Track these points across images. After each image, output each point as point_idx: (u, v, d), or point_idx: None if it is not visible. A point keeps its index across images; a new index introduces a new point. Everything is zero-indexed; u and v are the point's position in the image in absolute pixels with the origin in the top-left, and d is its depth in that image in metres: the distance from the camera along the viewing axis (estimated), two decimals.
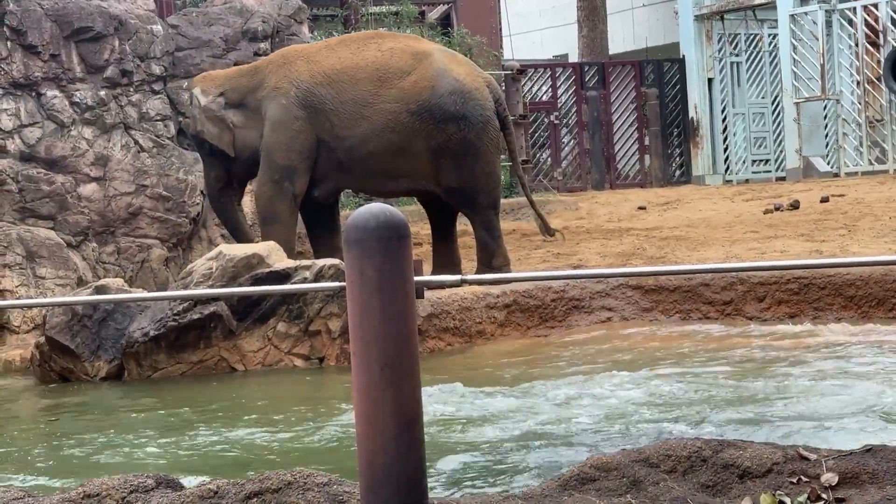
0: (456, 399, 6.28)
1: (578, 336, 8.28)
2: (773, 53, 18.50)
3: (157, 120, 10.58)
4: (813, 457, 3.10)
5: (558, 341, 8.25)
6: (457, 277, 3.51)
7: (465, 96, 9.00)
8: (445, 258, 9.34)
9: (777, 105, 18.50)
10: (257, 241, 8.87)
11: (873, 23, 17.36)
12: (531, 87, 18.27)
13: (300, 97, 9.04)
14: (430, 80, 8.98)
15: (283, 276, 7.70)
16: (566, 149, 18.69)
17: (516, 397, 6.34)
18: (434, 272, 9.27)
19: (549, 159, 18.49)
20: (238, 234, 9.52)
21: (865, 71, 17.34)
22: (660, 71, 18.88)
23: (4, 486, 3.31)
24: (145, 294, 7.84)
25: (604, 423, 5.40)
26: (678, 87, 18.77)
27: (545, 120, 18.46)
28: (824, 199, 13.02)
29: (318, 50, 9.36)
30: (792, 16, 17.65)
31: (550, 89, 18.56)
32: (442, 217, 9.49)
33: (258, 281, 7.64)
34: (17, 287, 9.62)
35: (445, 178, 9.07)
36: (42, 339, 8.05)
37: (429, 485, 2.82)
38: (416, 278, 2.81)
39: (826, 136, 17.94)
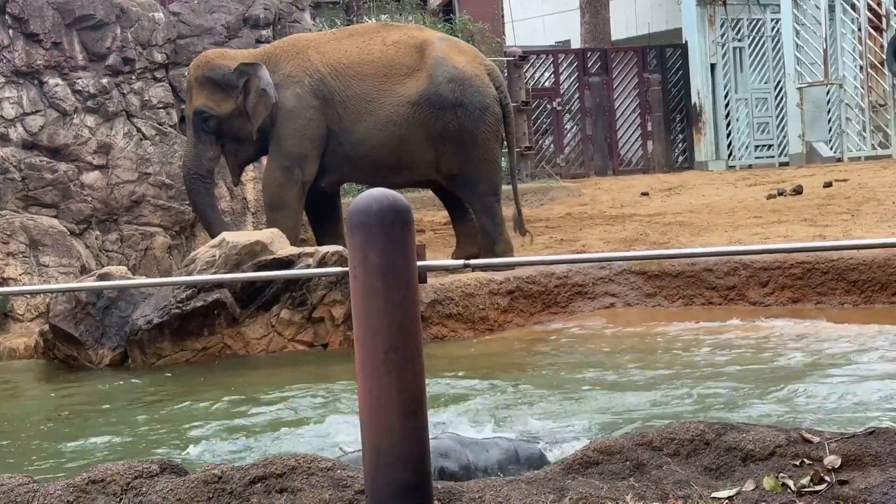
0: (460, 383, 6.28)
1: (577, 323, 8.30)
2: (776, 38, 18.47)
3: (159, 108, 10.57)
4: (816, 439, 3.11)
5: (558, 330, 8.26)
6: (460, 262, 3.52)
7: (464, 83, 9.04)
8: (467, 229, 9.49)
9: (780, 90, 18.48)
10: (261, 228, 8.87)
11: (876, 7, 17.32)
12: (534, 74, 18.24)
13: (313, 86, 9.08)
14: (429, 70, 9.04)
15: (286, 263, 7.71)
16: (569, 135, 18.67)
17: (518, 382, 6.35)
18: (459, 244, 9.36)
19: (552, 146, 18.47)
20: (212, 218, 9.45)
21: (868, 56, 17.31)
22: (662, 57, 18.84)
23: (9, 473, 3.32)
24: (148, 280, 7.85)
25: (607, 407, 5.40)
26: (681, 72, 18.74)
27: (548, 106, 18.43)
28: (827, 185, 13.01)
29: (328, 41, 9.38)
30: (795, 0, 17.61)
31: (553, 76, 18.53)
32: (452, 196, 9.54)
33: (261, 268, 7.64)
34: (20, 275, 9.63)
35: (446, 166, 9.14)
36: (46, 327, 8.07)
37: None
38: (419, 263, 2.81)
39: (829, 121, 17.92)
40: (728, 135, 18.65)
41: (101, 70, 10.26)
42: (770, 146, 18.78)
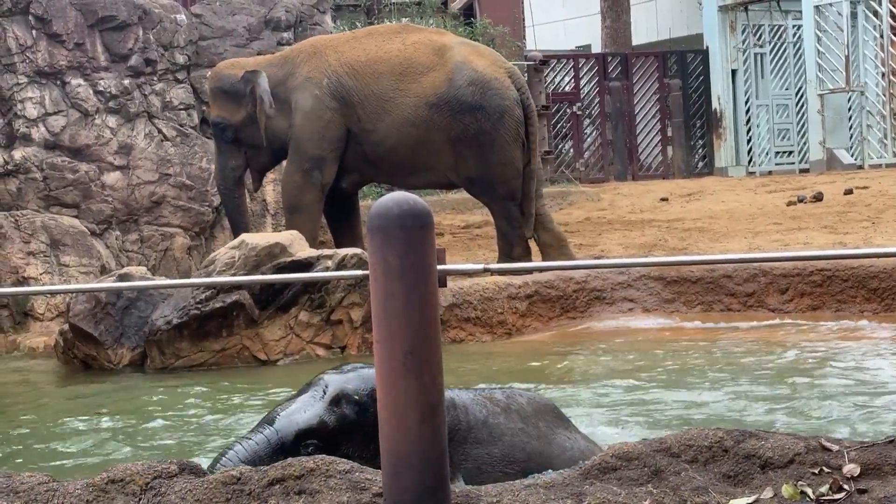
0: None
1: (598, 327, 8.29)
2: (798, 45, 18.40)
3: (180, 109, 10.61)
4: (835, 448, 3.09)
5: (576, 332, 8.24)
6: (479, 266, 3.52)
7: (484, 87, 9.02)
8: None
9: (801, 97, 18.41)
10: (281, 230, 8.89)
11: None
12: (554, 78, 18.23)
13: (332, 88, 9.08)
14: (449, 73, 9.02)
15: (305, 266, 7.72)
16: (588, 140, 18.65)
17: (536, 386, 6.34)
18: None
19: (572, 150, 18.46)
20: (241, 226, 9.50)
21: (890, 62, 17.24)
22: (683, 62, 18.80)
23: (29, 472, 3.34)
24: (168, 281, 7.87)
25: (625, 412, 5.39)
26: (701, 78, 18.69)
27: (568, 111, 18.41)
28: (848, 192, 12.96)
29: (346, 41, 9.39)
30: (817, 7, 17.55)
31: (573, 80, 18.51)
32: None
33: (280, 270, 7.65)
34: (41, 275, 9.67)
35: (464, 169, 9.13)
36: (66, 327, 8.10)
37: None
38: (438, 266, 2.81)
39: (850, 127, 17.85)
40: (748, 141, 18.60)
41: (122, 71, 10.31)
42: (790, 153, 18.71)
